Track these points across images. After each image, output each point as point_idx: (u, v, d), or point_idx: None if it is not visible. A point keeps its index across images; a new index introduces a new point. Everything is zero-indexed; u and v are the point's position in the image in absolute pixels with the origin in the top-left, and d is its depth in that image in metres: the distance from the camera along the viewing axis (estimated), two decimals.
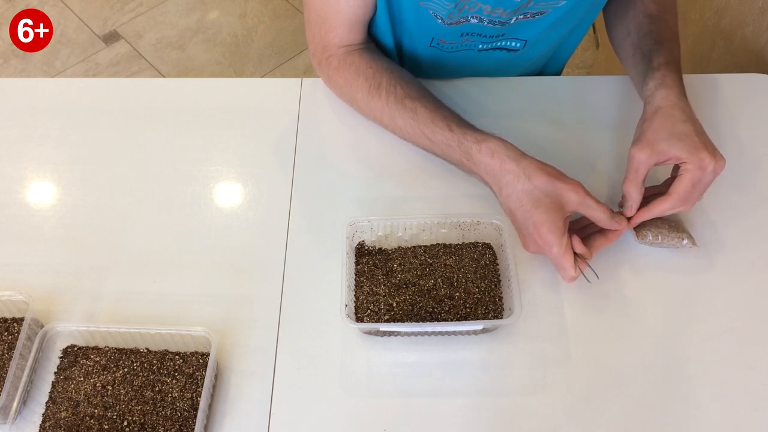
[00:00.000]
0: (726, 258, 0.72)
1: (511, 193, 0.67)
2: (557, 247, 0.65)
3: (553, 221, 0.65)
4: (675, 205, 0.67)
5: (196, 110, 0.87)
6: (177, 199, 0.78)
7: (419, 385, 0.64)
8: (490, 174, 0.69)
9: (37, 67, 2.06)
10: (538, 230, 0.65)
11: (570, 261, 0.66)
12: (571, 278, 0.67)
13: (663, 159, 0.67)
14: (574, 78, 0.92)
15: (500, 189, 0.69)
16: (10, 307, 0.67)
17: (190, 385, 0.63)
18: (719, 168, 0.66)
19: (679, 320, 0.68)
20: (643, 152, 0.67)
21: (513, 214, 0.68)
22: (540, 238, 0.66)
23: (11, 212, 0.77)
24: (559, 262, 0.66)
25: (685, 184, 0.66)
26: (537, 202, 0.66)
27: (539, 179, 0.66)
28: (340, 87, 0.82)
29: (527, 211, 0.66)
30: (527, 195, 0.66)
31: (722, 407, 0.63)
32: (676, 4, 0.82)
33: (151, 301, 0.70)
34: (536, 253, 0.69)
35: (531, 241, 0.67)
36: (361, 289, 0.68)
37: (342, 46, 0.80)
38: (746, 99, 0.84)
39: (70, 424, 0.61)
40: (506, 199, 0.68)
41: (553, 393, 0.63)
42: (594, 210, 0.67)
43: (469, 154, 0.70)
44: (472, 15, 0.76)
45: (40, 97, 0.89)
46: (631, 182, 0.68)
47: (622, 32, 0.82)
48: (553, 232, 0.65)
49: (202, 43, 2.11)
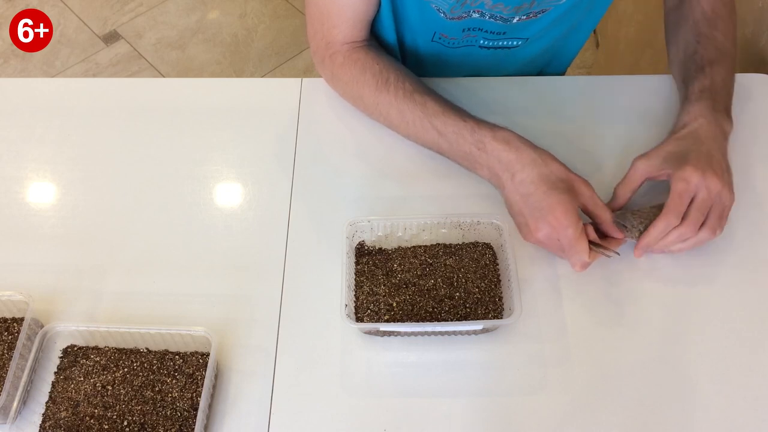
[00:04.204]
0: (726, 258, 0.71)
1: (525, 179, 0.68)
2: (573, 229, 0.65)
3: (570, 203, 0.66)
4: (670, 220, 0.67)
5: (196, 110, 0.87)
6: (177, 199, 0.78)
7: (419, 385, 0.64)
8: (503, 162, 0.70)
9: (37, 67, 2.06)
10: (554, 212, 0.65)
11: (585, 244, 0.66)
12: (584, 264, 0.66)
13: (657, 172, 0.70)
14: (576, 78, 0.92)
15: (513, 175, 0.69)
16: (10, 307, 0.67)
17: (190, 385, 0.63)
18: (713, 185, 0.66)
19: (679, 320, 0.68)
20: (641, 162, 0.71)
21: (526, 198, 0.68)
22: (555, 220, 0.65)
23: (11, 212, 0.77)
24: (574, 244, 0.65)
25: (672, 197, 0.67)
26: (553, 185, 0.67)
27: (555, 166, 0.68)
28: (345, 83, 0.81)
29: (544, 193, 0.66)
30: (544, 179, 0.67)
31: (722, 407, 0.62)
32: (734, 12, 0.82)
33: (151, 301, 0.70)
34: (542, 242, 0.68)
35: (544, 223, 0.66)
36: (361, 289, 0.68)
37: (346, 42, 0.79)
38: (746, 99, 0.84)
39: (70, 424, 0.61)
40: (519, 185, 0.68)
41: (553, 393, 0.63)
42: (601, 209, 0.68)
43: (482, 142, 0.71)
44: (474, 9, 0.76)
45: (40, 97, 0.89)
46: (622, 185, 0.72)
47: (673, 51, 0.83)
48: (569, 213, 0.65)
49: (202, 43, 2.11)
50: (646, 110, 0.84)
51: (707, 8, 0.80)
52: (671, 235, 0.67)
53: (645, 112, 0.84)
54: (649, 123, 0.83)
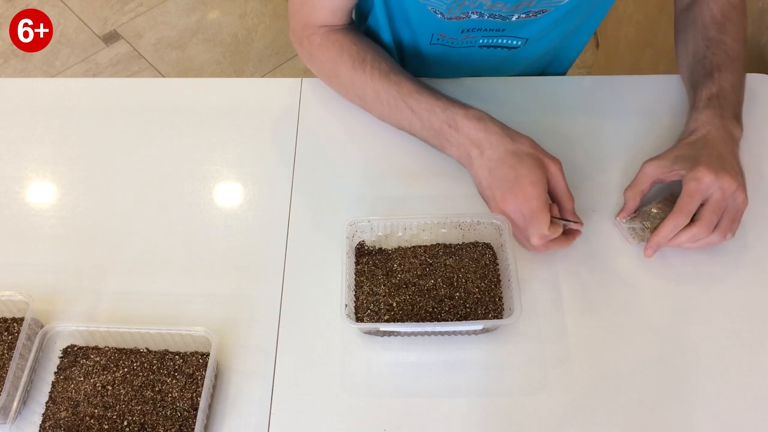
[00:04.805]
0: (726, 259, 0.71)
1: (493, 155, 0.69)
2: (537, 201, 0.66)
3: (537, 176, 0.67)
4: (678, 220, 0.67)
5: (196, 110, 0.87)
6: (177, 199, 0.78)
7: (419, 385, 0.64)
8: (473, 139, 0.71)
9: (37, 67, 2.06)
10: (521, 184, 0.66)
11: (547, 218, 0.66)
12: (542, 236, 0.66)
13: (666, 173, 0.70)
14: (575, 78, 0.91)
15: (482, 152, 0.70)
16: (10, 307, 0.67)
17: (190, 385, 0.63)
18: (727, 185, 0.66)
19: (679, 321, 0.68)
20: (650, 165, 0.71)
21: (493, 172, 0.69)
22: (521, 191, 0.66)
23: (11, 212, 0.77)
24: (536, 216, 0.66)
25: (682, 196, 0.67)
26: (521, 159, 0.68)
27: (524, 141, 0.70)
28: (322, 63, 0.81)
29: (511, 166, 0.68)
30: (511, 154, 0.68)
31: (722, 407, 0.63)
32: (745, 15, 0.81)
33: (151, 301, 0.70)
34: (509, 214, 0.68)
35: (510, 195, 0.67)
36: (361, 289, 0.68)
37: (324, 26, 0.80)
38: (746, 99, 0.84)
39: (70, 424, 0.61)
40: (487, 161, 0.70)
41: (553, 393, 0.63)
42: (565, 197, 0.70)
43: (453, 120, 0.72)
44: (473, 11, 0.76)
45: (40, 97, 0.88)
46: (630, 189, 0.72)
47: (682, 54, 0.83)
48: (536, 185, 0.66)
49: (202, 43, 2.11)
50: (646, 110, 0.84)
51: (716, 11, 0.79)
52: (683, 235, 0.67)
53: (645, 112, 0.84)
54: (649, 123, 0.83)
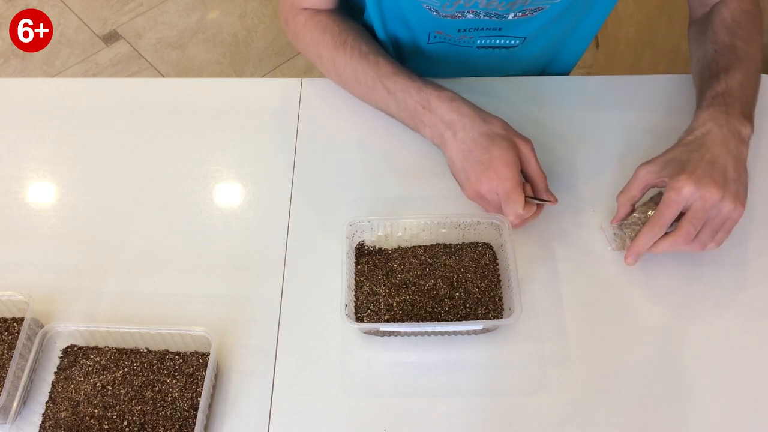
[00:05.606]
0: (726, 259, 0.71)
1: (466, 137, 0.70)
2: (511, 182, 0.67)
3: (510, 157, 0.68)
4: (654, 231, 0.66)
5: (196, 110, 0.87)
6: (177, 199, 0.78)
7: (419, 385, 0.64)
8: (446, 120, 0.72)
9: (37, 67, 2.06)
10: (494, 165, 0.67)
11: (521, 196, 0.67)
12: (518, 215, 0.68)
13: (656, 179, 0.68)
14: (575, 78, 0.91)
15: (455, 134, 0.71)
16: (10, 307, 0.67)
17: (190, 385, 0.63)
18: (708, 195, 0.63)
19: (679, 321, 0.68)
20: (642, 169, 0.70)
21: (467, 154, 0.70)
22: (495, 173, 0.67)
23: (11, 212, 0.77)
24: (510, 196, 0.67)
25: (659, 206, 0.66)
26: (493, 140, 0.69)
27: (496, 123, 0.71)
28: (306, 44, 0.83)
29: (484, 148, 0.69)
30: (484, 135, 0.69)
31: (722, 408, 0.62)
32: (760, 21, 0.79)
33: (151, 301, 0.70)
34: (483, 196, 0.69)
35: (485, 176, 0.68)
36: (361, 289, 0.68)
37: (311, 8, 0.82)
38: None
39: (70, 424, 0.61)
40: (461, 143, 0.70)
41: (553, 393, 0.63)
42: (538, 176, 0.70)
43: (427, 101, 0.73)
44: (468, 10, 0.77)
45: (40, 97, 0.89)
46: (622, 194, 0.71)
47: (693, 62, 0.82)
48: (509, 166, 0.67)
49: (202, 43, 2.11)
50: (646, 110, 0.84)
51: (728, 17, 0.78)
52: (662, 244, 0.66)
53: (645, 112, 0.84)
54: (649, 123, 0.83)
